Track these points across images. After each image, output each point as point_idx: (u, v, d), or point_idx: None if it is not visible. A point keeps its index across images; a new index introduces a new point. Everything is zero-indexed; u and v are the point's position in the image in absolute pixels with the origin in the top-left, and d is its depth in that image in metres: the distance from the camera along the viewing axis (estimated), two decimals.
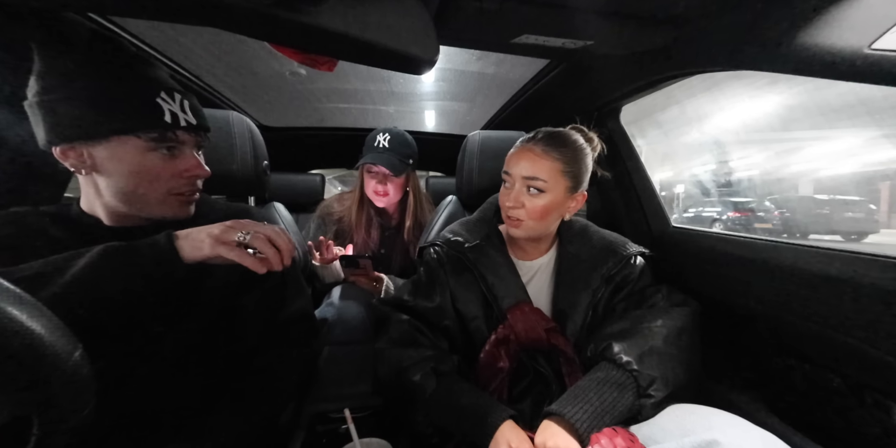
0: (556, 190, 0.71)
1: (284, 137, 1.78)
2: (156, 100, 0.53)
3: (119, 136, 0.52)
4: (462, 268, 0.79)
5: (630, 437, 0.56)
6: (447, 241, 0.82)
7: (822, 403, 0.69)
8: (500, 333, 0.73)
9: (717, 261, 0.86)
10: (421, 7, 0.53)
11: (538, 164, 0.70)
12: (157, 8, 0.50)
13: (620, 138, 1.15)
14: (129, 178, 0.54)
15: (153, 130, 0.54)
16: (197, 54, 1.01)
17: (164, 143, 0.55)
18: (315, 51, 0.60)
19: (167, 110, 0.54)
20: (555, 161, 0.70)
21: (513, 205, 0.73)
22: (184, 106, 0.57)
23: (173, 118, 0.55)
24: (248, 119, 0.94)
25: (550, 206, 0.72)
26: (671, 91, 0.95)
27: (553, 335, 0.73)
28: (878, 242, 5.51)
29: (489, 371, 0.72)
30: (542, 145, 0.71)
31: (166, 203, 0.59)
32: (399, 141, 1.24)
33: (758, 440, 0.50)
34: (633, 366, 0.63)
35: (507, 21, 0.65)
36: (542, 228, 0.76)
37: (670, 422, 0.58)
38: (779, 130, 9.07)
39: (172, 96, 0.56)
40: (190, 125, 0.57)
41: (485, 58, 1.06)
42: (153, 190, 0.56)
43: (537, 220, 0.73)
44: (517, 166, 0.72)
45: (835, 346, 0.64)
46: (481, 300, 0.78)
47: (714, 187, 9.13)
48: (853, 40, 0.48)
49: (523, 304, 0.75)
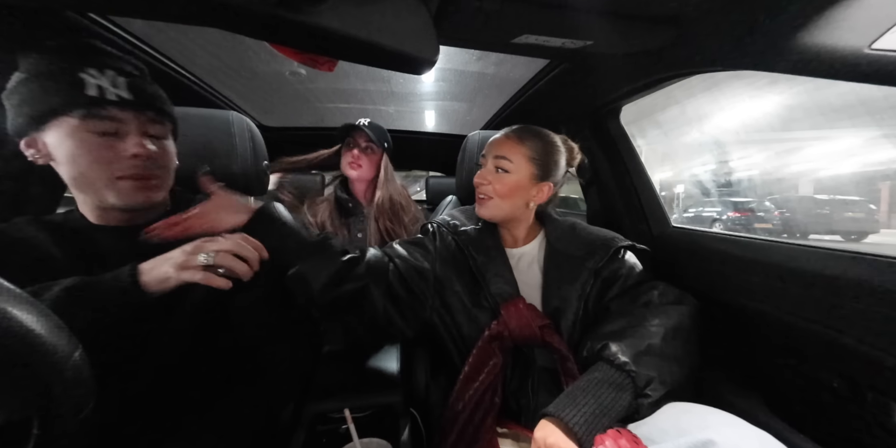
0: (522, 173, 0.78)
1: (284, 137, 1.78)
2: (79, 75, 0.52)
3: (53, 118, 0.52)
4: (455, 247, 0.83)
5: (634, 439, 0.56)
6: (445, 222, 0.88)
7: (822, 403, 0.69)
8: (493, 330, 0.74)
9: (717, 261, 0.86)
10: (421, 7, 0.53)
11: (508, 146, 0.79)
12: (157, 8, 0.50)
13: (620, 138, 1.15)
14: (72, 162, 0.53)
15: (80, 107, 0.52)
16: (197, 54, 1.01)
17: (100, 122, 0.53)
18: (315, 51, 0.60)
19: (93, 85, 0.52)
20: (523, 146, 0.78)
21: (480, 180, 0.80)
22: (116, 81, 0.54)
23: (99, 92, 0.53)
24: (248, 119, 0.94)
25: (515, 187, 0.78)
26: (671, 91, 0.95)
27: (547, 332, 0.73)
28: (878, 242, 5.51)
29: (482, 366, 0.73)
30: (516, 133, 0.80)
31: (115, 188, 0.56)
32: (376, 126, 1.28)
33: (754, 439, 0.49)
34: (630, 366, 0.62)
35: (507, 21, 0.65)
36: (508, 209, 0.80)
37: (666, 421, 0.58)
38: (779, 130, 9.07)
39: (103, 71, 0.53)
40: (123, 100, 0.54)
41: (485, 58, 1.06)
42: (98, 173, 0.55)
43: (502, 197, 0.79)
44: (491, 147, 0.81)
45: (835, 346, 0.64)
46: (470, 280, 0.80)
47: (714, 187, 9.14)
48: (853, 40, 0.48)
49: (518, 299, 0.76)
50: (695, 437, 0.50)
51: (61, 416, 0.30)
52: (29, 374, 0.28)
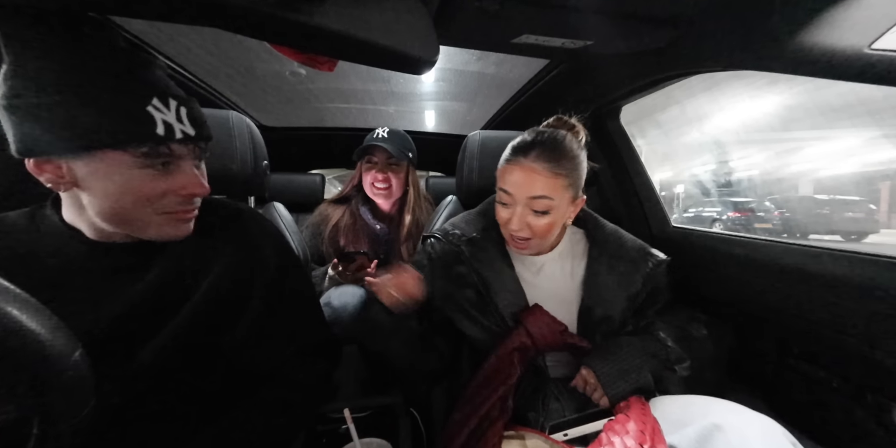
0: (563, 205, 0.68)
1: (284, 137, 1.78)
2: (146, 108, 0.45)
3: (100, 150, 0.44)
4: (457, 261, 0.77)
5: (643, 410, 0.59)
6: (446, 233, 0.81)
7: (822, 403, 0.69)
8: (515, 342, 0.70)
9: (717, 261, 0.86)
10: (421, 7, 0.53)
11: (545, 183, 0.65)
12: (157, 8, 0.50)
13: (620, 138, 1.15)
14: (116, 197, 0.47)
15: (143, 145, 0.46)
16: (197, 54, 1.01)
17: (157, 159, 0.47)
18: (315, 51, 0.60)
19: (160, 121, 0.46)
20: (559, 177, 0.65)
21: (519, 228, 0.68)
22: (180, 114, 0.49)
23: (167, 130, 0.47)
24: (248, 119, 0.94)
25: (556, 222, 0.69)
26: (671, 91, 0.95)
27: (567, 335, 0.72)
28: (878, 242, 5.51)
29: (499, 374, 0.70)
30: (543, 162, 0.65)
31: (159, 224, 0.51)
32: (398, 135, 1.24)
33: (757, 424, 0.51)
34: (670, 342, 0.70)
35: (507, 21, 0.65)
36: (549, 241, 0.74)
37: (672, 413, 0.59)
38: (779, 130, 9.07)
39: (167, 102, 0.47)
40: (187, 137, 0.49)
41: (485, 58, 1.06)
42: (143, 210, 0.49)
43: (544, 236, 0.70)
44: (518, 186, 0.67)
45: (835, 346, 0.64)
46: (475, 294, 0.76)
47: (714, 187, 9.14)
48: (853, 40, 0.48)
49: (535, 307, 0.73)
50: (700, 425, 0.52)
51: (61, 416, 0.30)
52: (29, 374, 0.28)
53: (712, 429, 0.50)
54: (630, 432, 0.54)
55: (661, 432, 0.55)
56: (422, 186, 1.37)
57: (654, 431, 0.54)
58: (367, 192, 1.26)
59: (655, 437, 0.53)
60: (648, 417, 0.57)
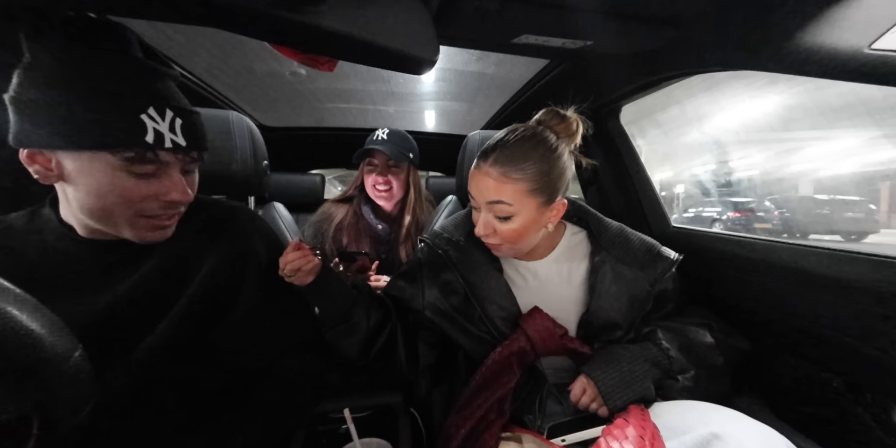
0: (526, 210, 0.64)
1: (284, 137, 1.78)
2: (140, 116, 0.47)
3: (90, 150, 0.46)
4: (444, 265, 0.75)
5: (643, 416, 0.58)
6: (435, 236, 0.79)
7: (822, 403, 0.69)
8: (513, 346, 0.69)
9: (717, 261, 0.86)
10: (421, 7, 0.53)
11: (497, 188, 0.63)
12: (157, 8, 0.50)
13: (620, 138, 1.15)
14: (99, 195, 0.49)
15: (130, 149, 0.47)
16: (197, 54, 1.01)
17: (142, 165, 0.49)
18: (315, 51, 0.60)
19: (151, 129, 0.48)
20: (517, 182, 0.62)
21: (484, 232, 0.67)
22: (174, 125, 0.50)
23: (157, 138, 0.48)
24: (247, 119, 0.94)
25: (524, 228, 0.65)
26: (671, 91, 0.95)
27: (567, 339, 0.71)
28: (878, 242, 5.51)
29: (497, 378, 0.70)
30: (498, 167, 0.62)
31: (137, 226, 0.53)
32: (399, 135, 1.24)
33: (756, 433, 0.50)
34: (673, 352, 0.67)
35: (507, 21, 0.65)
36: (526, 245, 0.71)
37: (671, 419, 0.58)
38: (779, 130, 9.06)
39: (163, 112, 0.49)
40: (177, 147, 0.50)
41: (485, 58, 1.06)
42: (124, 211, 0.50)
43: (514, 242, 0.67)
44: (478, 191, 0.66)
45: (835, 346, 0.65)
46: (462, 301, 0.74)
47: (714, 187, 9.14)
48: (853, 40, 0.48)
49: (535, 310, 0.71)
50: (699, 434, 0.50)
51: (61, 416, 0.30)
52: (29, 373, 0.28)
53: (711, 438, 0.49)
54: (629, 438, 0.53)
55: (660, 439, 0.53)
56: (423, 186, 1.37)
57: (653, 437, 0.53)
58: (369, 193, 1.27)
59: (655, 443, 0.52)
60: (648, 423, 0.56)
